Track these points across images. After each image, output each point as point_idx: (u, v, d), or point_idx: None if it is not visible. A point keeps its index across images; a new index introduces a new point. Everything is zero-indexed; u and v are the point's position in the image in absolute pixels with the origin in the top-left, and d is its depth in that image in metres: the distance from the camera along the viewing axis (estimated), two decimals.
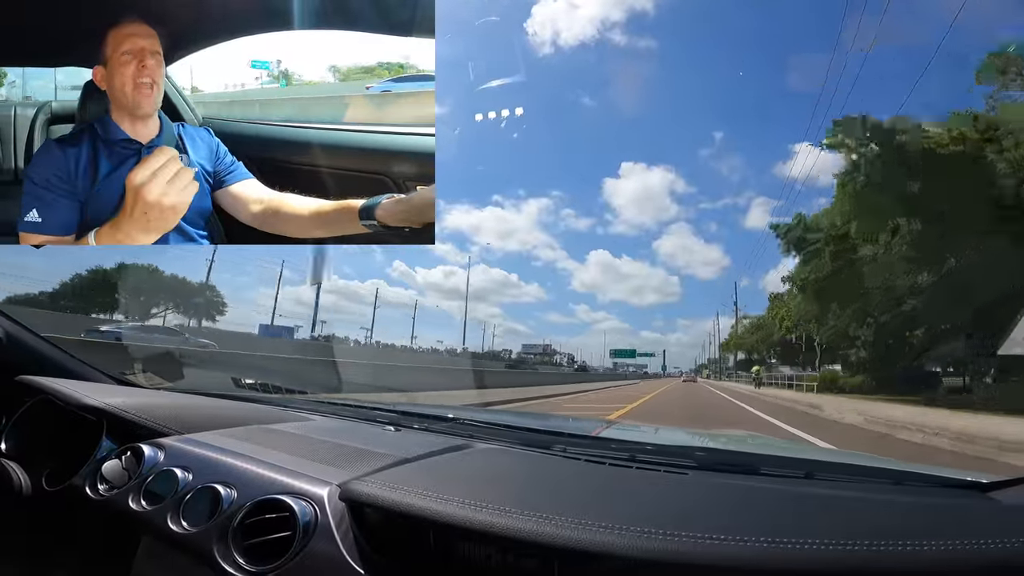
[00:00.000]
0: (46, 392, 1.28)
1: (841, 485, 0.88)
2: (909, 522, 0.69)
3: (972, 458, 4.47)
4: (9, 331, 1.45)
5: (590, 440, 1.22)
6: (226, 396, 1.73)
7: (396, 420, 1.41)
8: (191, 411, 1.33)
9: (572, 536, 0.63)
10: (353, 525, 0.79)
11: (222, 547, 0.81)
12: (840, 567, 0.57)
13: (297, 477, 0.89)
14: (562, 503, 0.72)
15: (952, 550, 0.57)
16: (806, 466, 0.98)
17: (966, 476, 0.88)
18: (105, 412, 1.19)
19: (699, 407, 10.82)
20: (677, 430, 2.44)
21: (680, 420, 7.59)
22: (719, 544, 0.60)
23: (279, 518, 0.81)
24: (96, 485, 1.04)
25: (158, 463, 1.03)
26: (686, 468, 0.93)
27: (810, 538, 0.59)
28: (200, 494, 0.91)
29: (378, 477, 0.83)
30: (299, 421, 1.40)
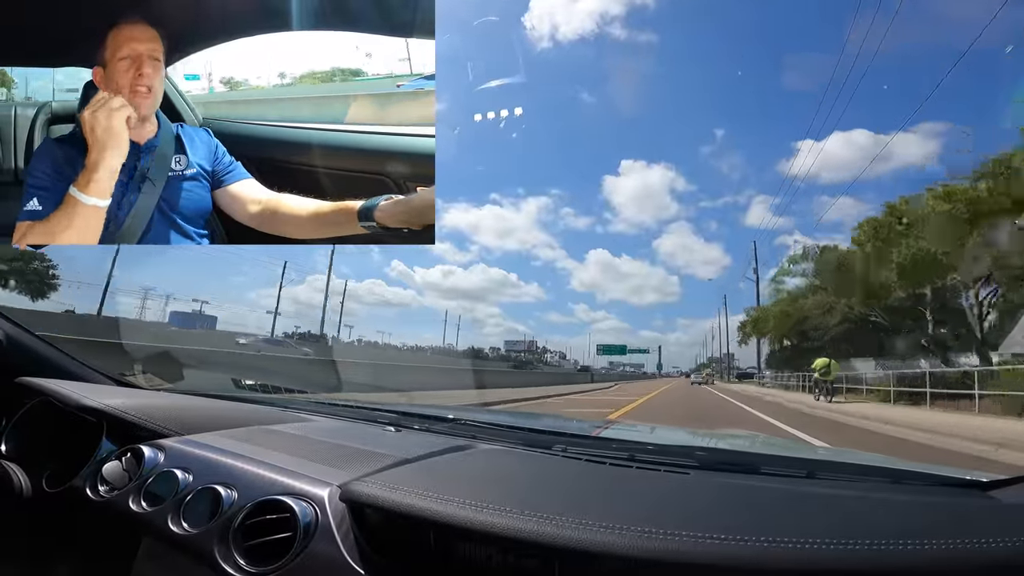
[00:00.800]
0: (46, 393, 1.27)
1: (842, 484, 0.89)
2: (909, 521, 0.69)
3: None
4: (8, 333, 1.45)
5: (591, 440, 1.23)
6: (226, 397, 1.73)
7: (396, 421, 1.41)
8: (191, 412, 1.33)
9: (573, 536, 0.63)
10: (354, 526, 0.79)
11: (223, 548, 0.81)
12: (841, 566, 0.57)
13: (297, 478, 0.89)
14: (563, 503, 0.72)
15: (952, 549, 0.57)
16: (807, 466, 0.98)
17: (966, 475, 0.89)
18: (105, 413, 1.19)
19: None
20: (678, 430, 2.44)
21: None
22: (720, 544, 0.60)
23: (280, 519, 0.81)
24: (96, 486, 1.04)
25: (158, 464, 1.03)
26: (687, 468, 0.93)
27: (811, 538, 0.59)
28: (200, 495, 0.91)
29: (378, 478, 0.83)
30: (299, 422, 1.40)
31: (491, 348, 45.12)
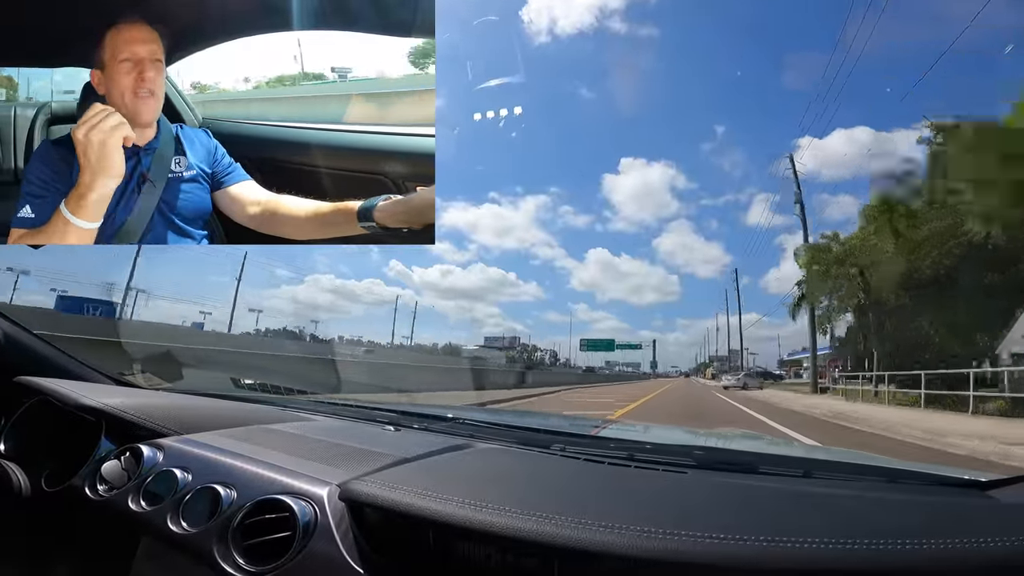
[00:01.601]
0: (45, 393, 1.27)
1: (840, 484, 0.89)
2: (908, 521, 0.69)
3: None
4: (7, 332, 1.45)
5: (589, 439, 1.23)
6: (225, 396, 1.73)
7: (395, 420, 1.41)
8: (190, 411, 1.33)
9: (572, 535, 0.63)
10: (353, 525, 0.79)
11: (222, 547, 0.81)
12: (839, 566, 0.57)
13: (297, 477, 0.89)
14: (562, 502, 0.72)
15: (951, 549, 0.57)
16: (805, 465, 0.98)
17: (964, 475, 0.88)
18: (104, 412, 1.19)
19: None
20: (676, 429, 2.44)
21: None
22: (718, 543, 0.60)
23: (279, 518, 0.81)
24: (95, 486, 1.04)
25: (157, 463, 1.03)
26: (685, 467, 0.93)
27: (809, 537, 0.59)
28: (200, 494, 0.91)
29: (378, 477, 0.83)
30: (298, 421, 1.40)
31: (479, 346, 42.77)
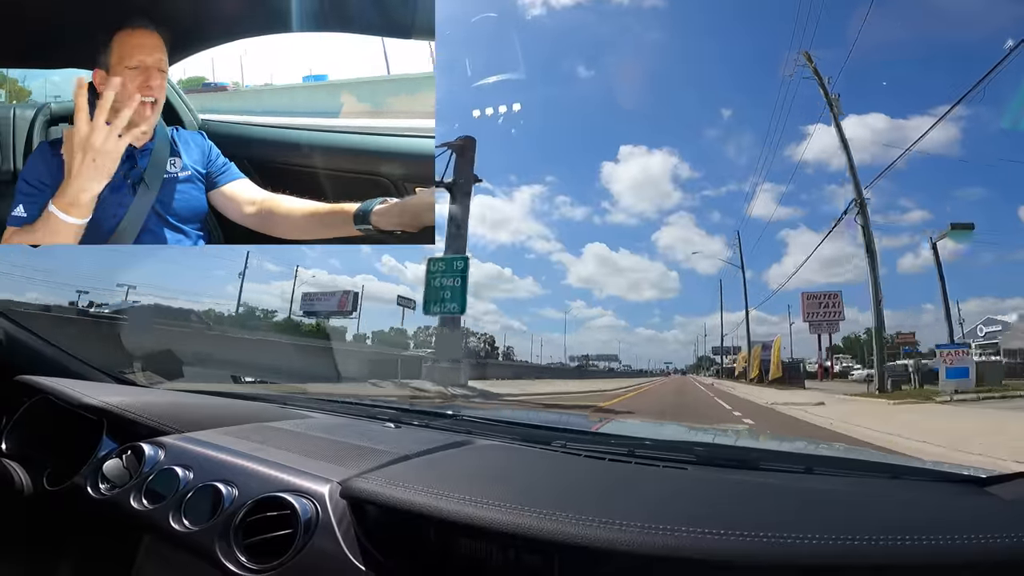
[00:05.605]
0: (46, 391, 1.27)
1: (840, 480, 0.89)
2: (908, 516, 0.69)
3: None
4: (8, 331, 1.45)
5: (589, 435, 1.23)
6: (226, 394, 1.73)
7: (396, 417, 1.41)
8: (191, 409, 1.33)
9: (573, 532, 0.63)
10: (354, 522, 0.79)
11: (224, 545, 0.81)
12: (839, 561, 0.57)
13: (298, 475, 0.89)
14: (562, 499, 0.72)
15: (950, 544, 0.57)
16: (805, 460, 0.98)
17: (964, 471, 0.88)
18: (105, 411, 1.19)
19: None
20: (676, 425, 2.44)
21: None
22: (720, 539, 0.60)
23: (280, 516, 0.81)
24: (97, 484, 1.04)
25: (159, 462, 1.03)
26: (685, 463, 0.93)
27: (810, 532, 0.59)
28: (201, 492, 0.91)
29: (379, 474, 0.84)
30: (299, 419, 1.40)
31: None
